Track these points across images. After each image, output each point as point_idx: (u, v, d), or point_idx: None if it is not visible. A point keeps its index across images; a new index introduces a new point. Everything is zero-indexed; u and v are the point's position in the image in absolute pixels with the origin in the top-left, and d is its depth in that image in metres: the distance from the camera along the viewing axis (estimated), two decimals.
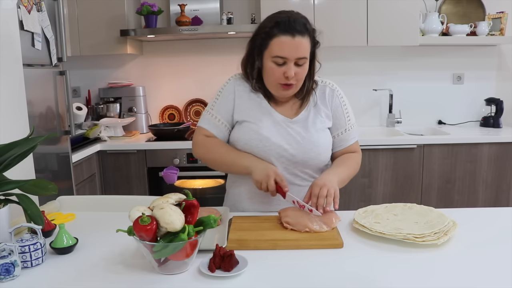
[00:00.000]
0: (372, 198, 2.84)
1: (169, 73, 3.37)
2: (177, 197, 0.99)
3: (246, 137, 1.37)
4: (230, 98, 1.41)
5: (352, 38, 2.93)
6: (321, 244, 1.08)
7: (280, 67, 1.30)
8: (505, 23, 3.08)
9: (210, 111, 1.43)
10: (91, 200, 1.60)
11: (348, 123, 1.44)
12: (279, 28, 1.28)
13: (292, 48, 1.27)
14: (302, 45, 1.28)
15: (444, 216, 1.16)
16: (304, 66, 1.32)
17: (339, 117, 1.43)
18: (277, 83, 1.33)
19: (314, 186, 1.24)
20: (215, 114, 1.42)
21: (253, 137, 1.36)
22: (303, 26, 1.29)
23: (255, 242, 1.08)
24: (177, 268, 0.95)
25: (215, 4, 3.08)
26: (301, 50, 1.28)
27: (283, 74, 1.30)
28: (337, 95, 1.44)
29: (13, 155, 1.05)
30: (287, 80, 1.30)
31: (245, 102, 1.41)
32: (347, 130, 1.44)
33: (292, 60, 1.28)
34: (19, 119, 1.75)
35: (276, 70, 1.30)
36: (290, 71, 1.28)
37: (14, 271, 0.94)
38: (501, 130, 3.04)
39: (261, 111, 1.39)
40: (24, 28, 1.88)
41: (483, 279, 0.91)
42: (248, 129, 1.38)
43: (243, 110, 1.40)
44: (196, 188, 2.87)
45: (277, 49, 1.28)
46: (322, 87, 1.44)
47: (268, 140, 1.35)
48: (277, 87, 1.34)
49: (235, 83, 1.43)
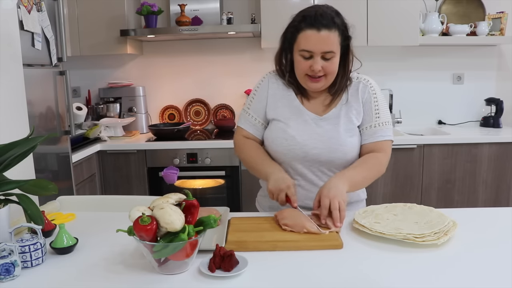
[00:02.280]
0: (372, 198, 2.84)
1: (169, 73, 3.37)
2: (177, 197, 0.99)
3: (273, 135, 1.40)
4: (264, 96, 1.45)
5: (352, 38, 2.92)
6: (321, 245, 1.08)
7: (307, 60, 1.31)
8: (505, 23, 3.08)
9: (247, 110, 1.48)
10: (91, 200, 1.60)
11: (376, 119, 1.39)
12: (305, 22, 1.29)
13: (318, 42, 1.28)
14: (329, 39, 1.28)
15: (444, 216, 1.16)
16: (333, 60, 1.31)
17: (367, 112, 1.40)
18: (304, 75, 1.34)
19: (323, 198, 1.19)
20: (251, 113, 1.47)
21: (280, 135, 1.39)
22: (330, 20, 1.28)
23: (254, 244, 1.08)
24: (177, 268, 0.95)
25: (215, 4, 3.08)
26: (327, 44, 1.28)
27: (310, 67, 1.31)
28: (369, 91, 1.42)
29: (13, 155, 1.05)
30: (314, 73, 1.31)
31: (277, 100, 1.43)
32: (373, 126, 1.39)
33: (318, 53, 1.29)
34: (19, 119, 1.76)
35: (303, 63, 1.32)
36: (316, 65, 1.29)
37: (14, 271, 0.94)
38: (501, 130, 3.04)
39: (292, 110, 1.41)
40: (24, 28, 1.88)
41: (483, 279, 0.91)
42: (276, 127, 1.40)
43: (275, 108, 1.42)
44: (196, 188, 2.87)
45: (303, 43, 1.30)
46: (356, 83, 1.43)
47: (293, 139, 1.37)
48: (305, 80, 1.35)
49: (270, 80, 1.46)
